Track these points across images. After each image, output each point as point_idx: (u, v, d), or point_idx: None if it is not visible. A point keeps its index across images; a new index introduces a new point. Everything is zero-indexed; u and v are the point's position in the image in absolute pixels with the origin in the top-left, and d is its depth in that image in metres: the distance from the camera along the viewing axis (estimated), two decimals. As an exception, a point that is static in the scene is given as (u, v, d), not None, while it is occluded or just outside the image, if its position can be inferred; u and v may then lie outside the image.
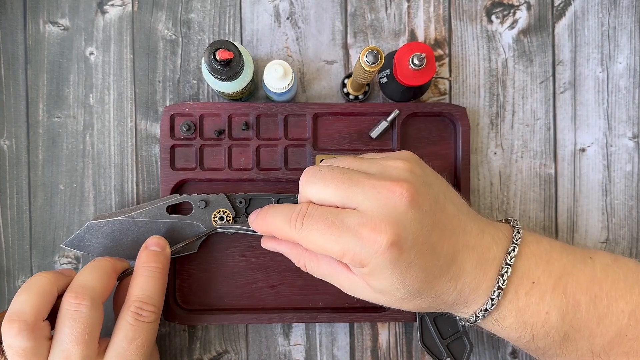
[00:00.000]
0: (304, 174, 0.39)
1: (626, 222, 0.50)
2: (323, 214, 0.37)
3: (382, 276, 0.37)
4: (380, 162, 0.39)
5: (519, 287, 0.39)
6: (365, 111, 0.48)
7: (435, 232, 0.37)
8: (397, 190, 0.36)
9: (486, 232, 0.40)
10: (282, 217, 0.39)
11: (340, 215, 0.36)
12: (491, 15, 0.50)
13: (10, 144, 0.49)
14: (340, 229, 0.36)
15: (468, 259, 0.38)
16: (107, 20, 0.49)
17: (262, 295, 0.49)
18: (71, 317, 0.38)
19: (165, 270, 0.43)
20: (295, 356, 0.50)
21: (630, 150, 0.50)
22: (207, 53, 0.41)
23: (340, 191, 0.37)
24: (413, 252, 0.36)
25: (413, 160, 0.40)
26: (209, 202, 0.47)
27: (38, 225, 0.49)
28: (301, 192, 0.39)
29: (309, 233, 0.37)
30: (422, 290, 0.38)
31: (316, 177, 0.38)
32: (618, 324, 0.39)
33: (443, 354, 0.47)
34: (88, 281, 0.40)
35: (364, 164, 0.40)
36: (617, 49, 0.50)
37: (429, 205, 0.37)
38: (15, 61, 0.49)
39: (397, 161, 0.39)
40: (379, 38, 0.50)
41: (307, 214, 0.37)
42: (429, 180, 0.39)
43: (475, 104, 0.50)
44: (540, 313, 0.39)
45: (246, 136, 0.48)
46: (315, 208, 0.38)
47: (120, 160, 0.49)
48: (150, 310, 0.40)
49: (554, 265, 0.40)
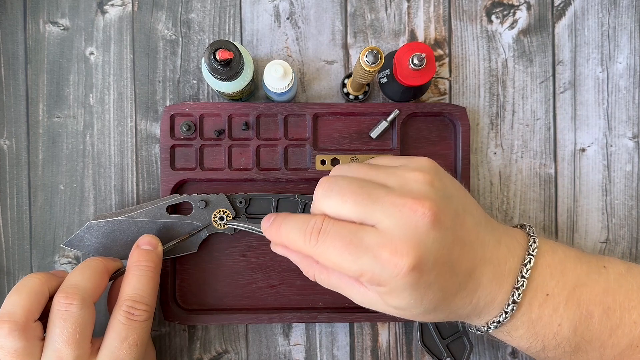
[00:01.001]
0: (319, 186, 0.38)
1: (626, 222, 0.50)
2: (340, 231, 0.35)
3: (401, 296, 0.36)
4: (399, 172, 0.38)
5: (533, 300, 0.38)
6: (365, 111, 0.48)
7: (456, 250, 0.36)
8: (419, 210, 0.35)
9: (502, 243, 0.39)
10: (297, 231, 0.37)
11: (359, 234, 0.35)
12: (491, 15, 0.50)
13: (10, 144, 0.49)
14: (358, 248, 0.35)
15: (485, 273, 0.38)
16: (107, 20, 0.49)
17: (262, 295, 0.49)
18: (62, 317, 0.38)
19: (157, 268, 0.43)
20: (295, 356, 0.50)
21: (630, 150, 0.50)
22: (207, 53, 0.41)
23: (359, 207, 0.35)
24: (433, 273, 0.35)
25: (432, 171, 0.38)
26: (209, 202, 0.47)
27: (38, 225, 0.49)
28: (316, 204, 0.38)
29: (326, 250, 0.35)
30: (439, 307, 0.37)
31: (333, 190, 0.37)
32: (630, 335, 0.39)
33: (443, 354, 0.47)
34: (79, 281, 0.40)
35: (381, 174, 0.38)
36: (617, 49, 0.50)
37: (450, 222, 0.36)
38: (15, 61, 0.49)
39: (417, 173, 0.37)
40: (379, 38, 0.50)
41: (322, 229, 0.36)
42: (449, 193, 0.38)
43: (475, 104, 0.50)
44: (552, 325, 0.39)
45: (246, 136, 0.48)
46: (332, 223, 0.36)
47: (120, 160, 0.49)
48: (142, 309, 0.40)
49: (568, 276, 0.39)
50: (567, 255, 0.40)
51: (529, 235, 0.41)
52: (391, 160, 0.41)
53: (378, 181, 0.37)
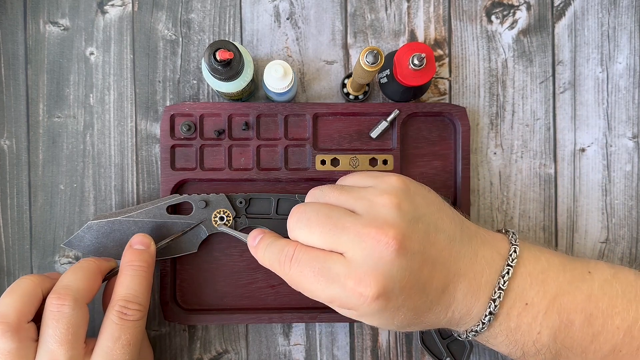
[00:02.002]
0: (291, 215, 0.39)
1: (626, 222, 0.50)
2: (310, 260, 0.37)
3: (371, 319, 0.38)
4: (368, 196, 0.38)
5: (512, 309, 0.38)
6: (365, 111, 0.48)
7: (425, 270, 0.37)
8: (382, 239, 0.35)
9: (479, 255, 0.39)
10: (274, 257, 0.39)
11: (327, 263, 0.36)
12: (491, 16, 0.50)
13: (11, 144, 0.49)
14: (326, 278, 0.36)
15: (459, 288, 0.38)
16: (107, 21, 0.49)
17: (262, 295, 0.49)
18: (54, 317, 0.39)
19: (149, 268, 0.43)
20: (295, 356, 0.50)
21: (630, 150, 0.50)
22: (207, 53, 0.41)
23: (327, 237, 0.37)
24: (401, 298, 0.36)
25: (401, 193, 0.38)
26: (209, 202, 0.47)
27: (38, 225, 0.49)
28: (290, 232, 0.40)
29: (298, 278, 0.38)
30: (412, 323, 0.39)
31: (302, 221, 0.38)
32: (613, 341, 0.39)
33: (443, 354, 0.47)
34: (71, 282, 0.40)
35: (350, 199, 0.39)
36: (617, 49, 0.50)
37: (418, 246, 0.37)
38: (15, 61, 0.49)
39: (384, 197, 0.37)
40: (379, 38, 0.50)
41: (294, 257, 0.38)
42: (418, 214, 0.38)
43: (475, 104, 0.50)
44: (531, 333, 0.39)
45: (246, 136, 0.48)
46: (303, 251, 0.38)
47: (120, 160, 0.49)
48: (135, 309, 0.40)
49: (549, 285, 0.39)
50: (550, 263, 0.40)
51: (511, 244, 0.40)
52: (363, 179, 0.41)
53: (347, 206, 0.38)
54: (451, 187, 0.49)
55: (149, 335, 0.49)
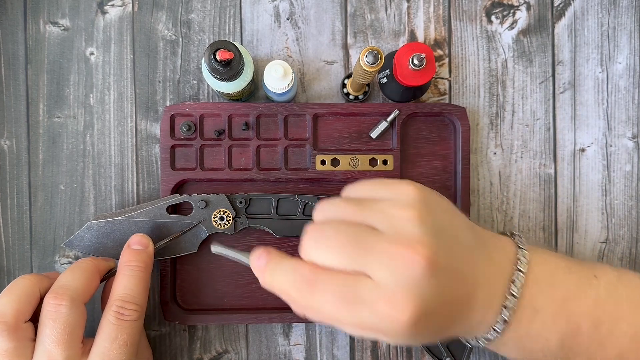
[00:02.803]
0: (307, 235, 0.36)
1: (626, 222, 0.50)
2: (333, 284, 0.33)
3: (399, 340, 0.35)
4: (386, 210, 0.35)
5: (522, 316, 0.38)
6: (365, 111, 0.48)
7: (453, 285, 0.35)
8: (412, 258, 0.33)
9: (492, 260, 0.38)
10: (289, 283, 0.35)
11: (353, 287, 0.33)
12: (491, 16, 0.50)
13: (11, 144, 0.49)
14: (354, 302, 0.33)
15: (478, 297, 0.37)
16: (108, 21, 0.49)
17: (262, 295, 0.49)
18: (51, 317, 0.39)
19: (147, 268, 0.43)
20: (295, 356, 0.50)
21: (629, 150, 0.50)
22: (207, 53, 0.41)
23: (350, 259, 0.34)
24: (432, 317, 0.34)
25: (420, 204, 0.35)
26: (209, 202, 0.47)
27: (38, 225, 0.49)
28: (304, 253, 0.36)
29: (320, 305, 0.34)
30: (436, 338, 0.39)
31: (320, 241, 0.35)
32: (619, 346, 0.38)
33: (443, 354, 0.47)
34: (68, 282, 0.40)
35: (368, 215, 0.35)
36: (617, 49, 0.50)
37: (444, 261, 0.34)
38: (15, 61, 0.49)
39: (405, 210, 0.35)
40: (379, 38, 0.50)
41: (314, 280, 0.34)
42: (439, 225, 0.36)
43: (475, 104, 0.50)
44: (540, 340, 0.38)
45: (246, 136, 0.48)
46: (323, 274, 0.34)
47: (120, 160, 0.49)
48: (132, 309, 0.40)
49: (557, 289, 0.38)
50: (557, 266, 0.39)
51: (518, 247, 0.39)
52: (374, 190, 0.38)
53: (366, 222, 0.35)
54: (451, 187, 0.49)
55: (149, 336, 0.49)
